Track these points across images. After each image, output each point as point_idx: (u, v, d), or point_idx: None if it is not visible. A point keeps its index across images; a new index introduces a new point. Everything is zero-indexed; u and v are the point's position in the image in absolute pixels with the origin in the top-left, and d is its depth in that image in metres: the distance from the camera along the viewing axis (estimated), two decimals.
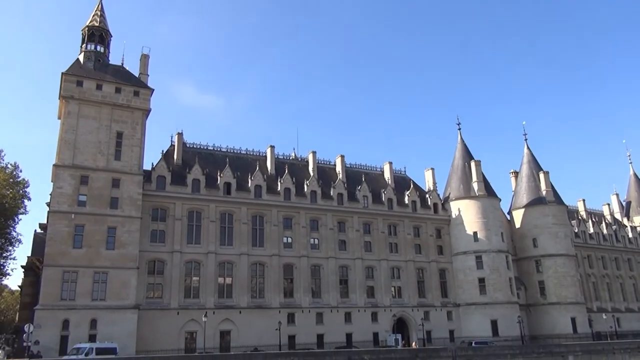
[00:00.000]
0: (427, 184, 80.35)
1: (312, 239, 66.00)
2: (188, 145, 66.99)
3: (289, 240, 64.49)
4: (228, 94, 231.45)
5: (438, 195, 77.99)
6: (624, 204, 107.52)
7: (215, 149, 69.08)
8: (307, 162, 73.57)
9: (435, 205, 76.45)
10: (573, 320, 74.93)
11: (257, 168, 65.80)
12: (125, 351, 46.48)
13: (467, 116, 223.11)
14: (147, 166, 59.23)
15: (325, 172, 72.90)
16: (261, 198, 64.03)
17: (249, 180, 64.24)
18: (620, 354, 58.29)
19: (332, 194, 69.09)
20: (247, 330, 56.81)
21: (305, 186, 67.77)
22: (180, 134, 65.34)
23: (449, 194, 78.12)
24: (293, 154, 76.00)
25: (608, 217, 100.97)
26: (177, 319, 54.57)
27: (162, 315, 54.05)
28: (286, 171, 67.48)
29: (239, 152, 70.45)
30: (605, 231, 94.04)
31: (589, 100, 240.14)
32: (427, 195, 77.06)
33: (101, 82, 57.01)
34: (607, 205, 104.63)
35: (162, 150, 62.99)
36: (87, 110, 55.56)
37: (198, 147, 67.86)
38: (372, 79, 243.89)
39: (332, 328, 62.11)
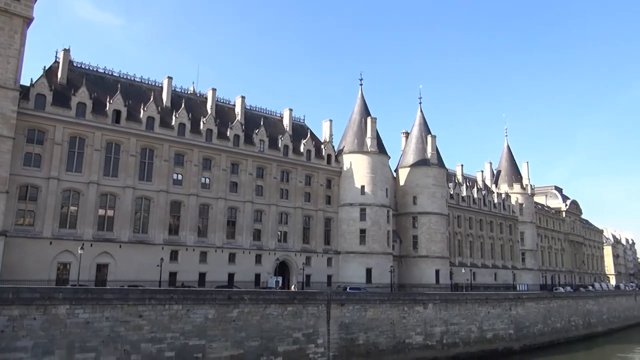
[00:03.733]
0: (324, 134, 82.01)
1: (204, 178, 65.00)
2: (75, 65, 61.42)
3: (179, 177, 62.93)
4: (130, 14, 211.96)
5: (333, 147, 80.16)
6: (495, 172, 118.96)
7: (107, 72, 64.14)
8: (206, 98, 71.16)
9: (329, 156, 78.61)
10: (437, 272, 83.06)
11: (152, 99, 62.39)
12: None
13: (371, 74, 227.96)
14: (25, 82, 53.46)
15: (224, 112, 71.12)
16: (153, 130, 61.18)
17: (142, 111, 60.85)
18: (471, 303, 65.95)
19: (228, 134, 67.93)
20: (127, 265, 55.49)
21: (202, 123, 65.80)
22: (66, 51, 59.42)
23: (344, 147, 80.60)
24: (192, 89, 72.95)
25: (480, 183, 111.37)
26: (49, 249, 51.67)
27: (32, 243, 50.76)
28: (183, 106, 64.76)
29: (132, 79, 66.02)
30: (475, 195, 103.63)
31: (480, 73, 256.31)
32: (323, 146, 78.87)
33: None
34: (480, 172, 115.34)
35: (44, 67, 57.09)
36: None
37: (87, 67, 62.47)
38: (283, 25, 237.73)
39: (215, 267, 62.80)
